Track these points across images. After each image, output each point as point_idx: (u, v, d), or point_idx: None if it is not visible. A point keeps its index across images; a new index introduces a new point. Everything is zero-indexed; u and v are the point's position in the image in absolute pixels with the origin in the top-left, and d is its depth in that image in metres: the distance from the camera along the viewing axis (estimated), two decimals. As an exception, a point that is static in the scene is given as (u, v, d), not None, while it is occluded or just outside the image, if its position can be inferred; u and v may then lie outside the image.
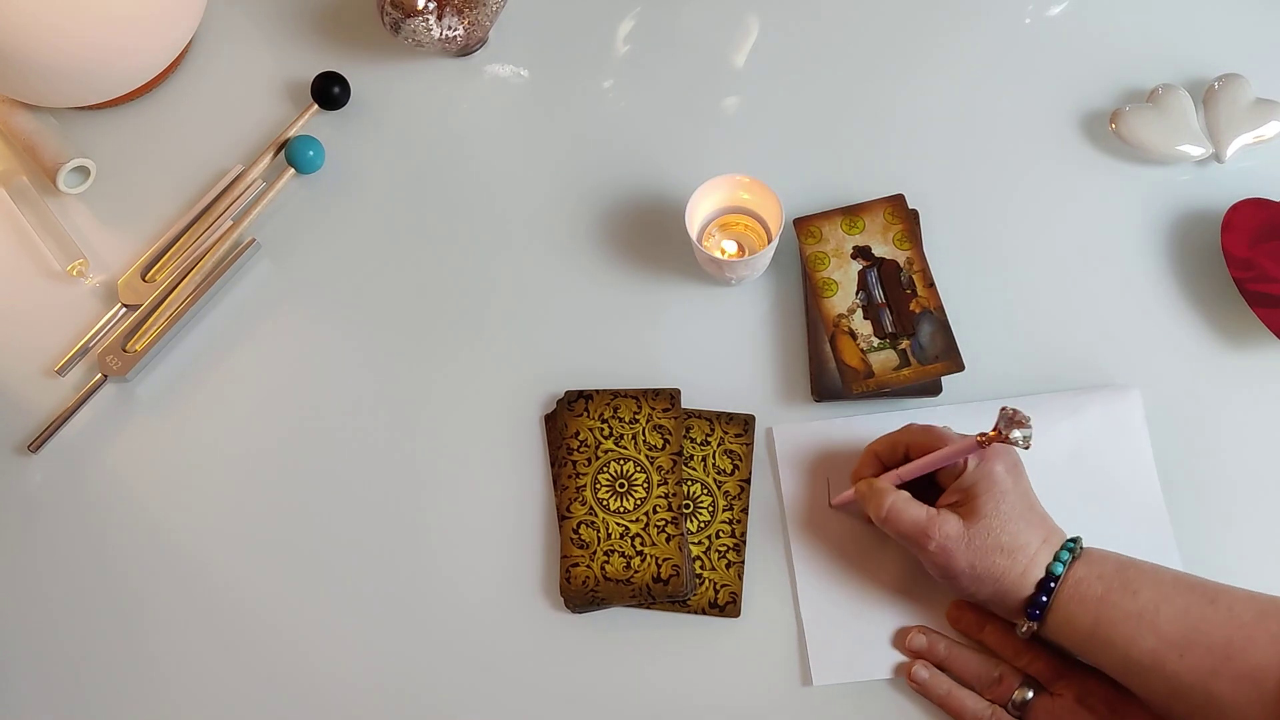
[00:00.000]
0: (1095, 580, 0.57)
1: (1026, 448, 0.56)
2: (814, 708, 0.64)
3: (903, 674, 0.64)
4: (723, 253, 0.72)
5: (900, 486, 0.62)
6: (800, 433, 0.70)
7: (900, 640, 0.65)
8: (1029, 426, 0.56)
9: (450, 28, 0.76)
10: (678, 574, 0.65)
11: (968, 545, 0.58)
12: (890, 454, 0.64)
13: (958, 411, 0.69)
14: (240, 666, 0.68)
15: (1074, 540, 0.59)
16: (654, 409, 0.69)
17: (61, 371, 0.74)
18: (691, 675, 0.66)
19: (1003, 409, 0.56)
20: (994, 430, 0.56)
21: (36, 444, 0.72)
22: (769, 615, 0.66)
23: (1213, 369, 0.70)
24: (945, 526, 0.59)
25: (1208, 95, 0.75)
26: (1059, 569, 0.58)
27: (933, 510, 0.60)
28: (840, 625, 0.65)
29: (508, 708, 0.66)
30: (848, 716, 0.64)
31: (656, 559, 0.66)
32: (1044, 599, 0.58)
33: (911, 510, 0.60)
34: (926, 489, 0.63)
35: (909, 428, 0.63)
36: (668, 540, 0.66)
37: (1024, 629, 0.59)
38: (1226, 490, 0.67)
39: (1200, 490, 0.67)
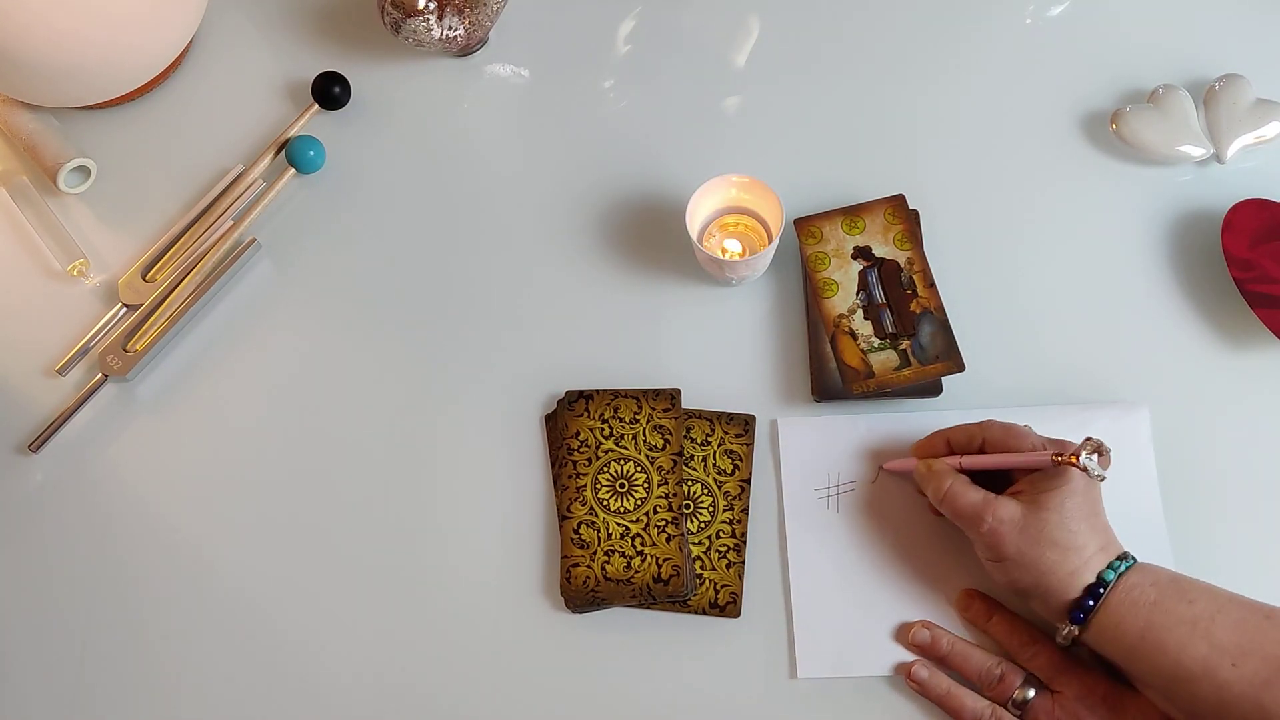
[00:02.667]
0: (1149, 587, 0.57)
1: (1101, 480, 0.58)
2: (811, 705, 0.64)
3: (895, 672, 0.64)
4: (724, 252, 0.72)
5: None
6: (806, 426, 0.70)
7: (893, 639, 0.65)
8: (1108, 464, 0.58)
9: (451, 27, 0.76)
10: (678, 574, 0.65)
11: (1021, 532, 0.58)
12: (965, 444, 0.64)
13: (960, 415, 0.69)
14: (240, 667, 0.68)
15: (1130, 555, 0.59)
16: (654, 409, 0.69)
17: (62, 371, 0.74)
18: (691, 675, 0.66)
19: (1090, 438, 0.58)
20: (1073, 455, 0.58)
21: (37, 444, 0.72)
22: (769, 615, 0.66)
23: (1212, 369, 0.70)
24: (1001, 511, 0.59)
25: (1208, 96, 0.75)
26: (1110, 576, 0.57)
27: (991, 495, 0.60)
28: (833, 619, 0.65)
29: (508, 707, 0.66)
30: (845, 715, 0.64)
31: (657, 559, 0.66)
32: (1091, 603, 0.57)
33: (970, 493, 0.60)
34: (982, 480, 0.63)
35: (990, 423, 0.63)
36: (668, 540, 0.66)
37: (1065, 633, 0.59)
38: (1224, 493, 0.67)
39: (1198, 492, 0.67)
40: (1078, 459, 0.58)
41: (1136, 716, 0.59)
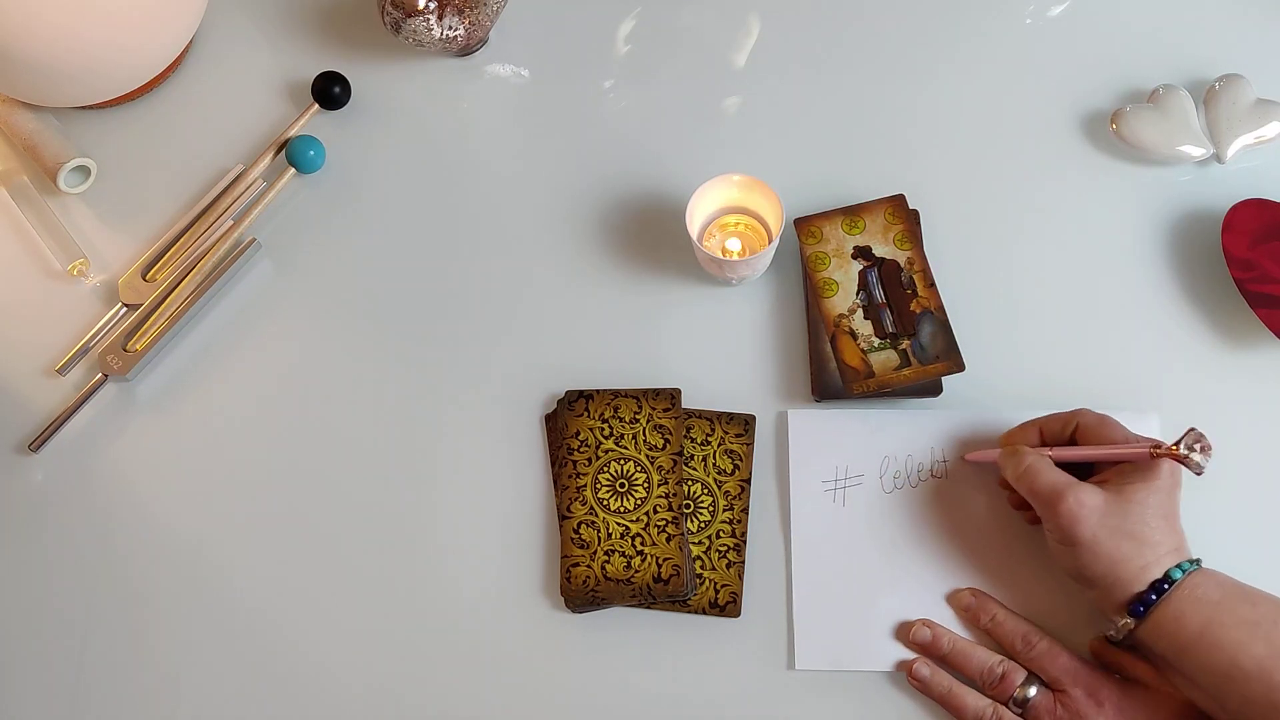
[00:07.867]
0: (1214, 587, 0.57)
1: (1199, 474, 0.57)
2: (809, 699, 0.64)
3: (895, 669, 0.64)
4: (724, 252, 0.72)
5: None
6: (815, 419, 0.70)
7: (894, 636, 0.65)
8: (1209, 455, 0.57)
9: (451, 27, 0.76)
10: (678, 574, 0.65)
11: (1100, 520, 0.58)
12: (1058, 432, 0.63)
13: (961, 415, 0.69)
14: (239, 666, 0.68)
15: (1199, 560, 0.59)
16: (654, 409, 0.69)
17: (62, 371, 0.74)
18: (691, 675, 0.66)
19: (1191, 429, 0.58)
20: (1174, 445, 0.57)
21: (37, 443, 0.72)
22: (769, 613, 0.66)
23: (1212, 369, 0.70)
24: (1084, 495, 0.58)
25: (1208, 96, 0.75)
26: (1178, 574, 0.57)
27: (1074, 479, 0.60)
28: (833, 613, 0.66)
29: (507, 707, 0.66)
30: (844, 712, 0.64)
31: (657, 559, 0.66)
32: (1153, 597, 0.57)
33: (1051, 472, 0.60)
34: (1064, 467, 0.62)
35: (1082, 411, 0.63)
36: (668, 540, 0.66)
37: (1120, 625, 0.58)
38: (1225, 493, 0.67)
39: (1199, 491, 0.67)
40: (1177, 450, 0.57)
41: (1141, 715, 0.59)
